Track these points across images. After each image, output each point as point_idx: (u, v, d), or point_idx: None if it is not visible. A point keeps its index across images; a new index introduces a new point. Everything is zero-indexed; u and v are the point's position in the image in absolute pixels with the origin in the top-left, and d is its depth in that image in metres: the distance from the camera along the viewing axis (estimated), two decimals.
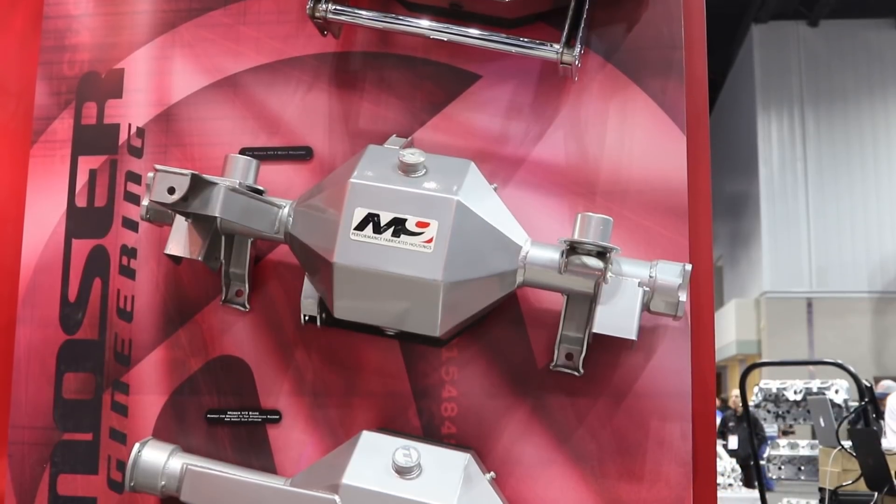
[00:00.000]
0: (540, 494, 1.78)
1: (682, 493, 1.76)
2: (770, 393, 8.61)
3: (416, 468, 1.64)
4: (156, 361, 1.91)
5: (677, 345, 1.79)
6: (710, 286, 1.86)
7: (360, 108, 1.92)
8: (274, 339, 1.88)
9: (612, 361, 1.79)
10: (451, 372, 1.83)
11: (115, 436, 1.91)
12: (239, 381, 1.88)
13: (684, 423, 1.78)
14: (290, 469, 1.84)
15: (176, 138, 1.98)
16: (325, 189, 1.72)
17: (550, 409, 1.80)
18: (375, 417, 1.84)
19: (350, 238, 1.63)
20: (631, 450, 1.78)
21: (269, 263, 1.90)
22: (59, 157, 2.02)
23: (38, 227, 2.00)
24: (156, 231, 1.93)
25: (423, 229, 1.62)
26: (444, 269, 1.60)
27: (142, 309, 1.93)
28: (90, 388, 1.93)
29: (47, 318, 1.96)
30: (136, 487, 1.78)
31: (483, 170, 1.76)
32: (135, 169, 1.98)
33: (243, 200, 1.68)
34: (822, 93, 18.33)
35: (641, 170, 1.85)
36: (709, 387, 1.84)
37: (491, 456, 1.80)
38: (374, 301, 1.65)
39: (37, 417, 1.94)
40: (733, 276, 20.85)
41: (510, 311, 1.82)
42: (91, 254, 1.97)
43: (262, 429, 1.87)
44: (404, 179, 1.67)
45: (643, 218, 1.83)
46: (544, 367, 1.81)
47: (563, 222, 1.83)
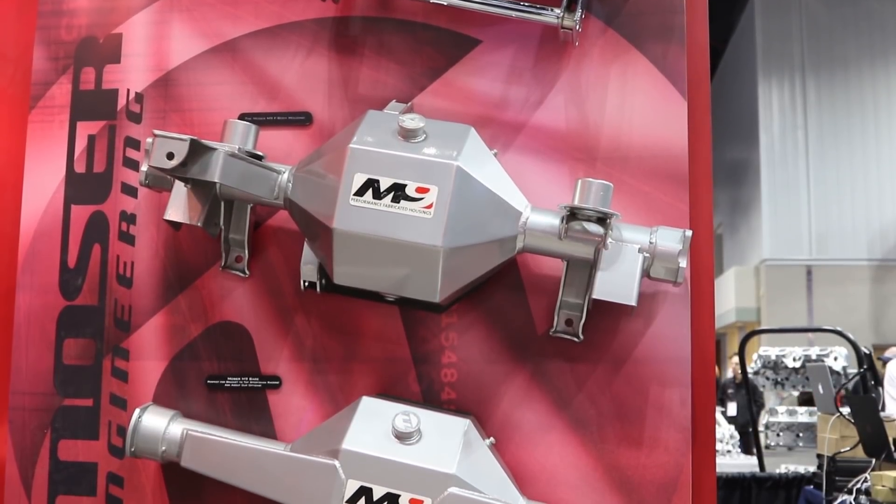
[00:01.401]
0: (539, 460, 1.79)
1: (681, 458, 1.77)
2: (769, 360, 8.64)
3: (415, 434, 1.65)
4: (156, 327, 1.91)
5: (677, 311, 1.79)
6: (710, 252, 1.86)
7: (360, 74, 1.91)
8: (274, 305, 1.88)
9: (612, 327, 1.79)
10: (450, 338, 1.83)
11: (115, 401, 1.91)
12: (239, 347, 1.89)
13: (683, 389, 1.78)
14: (290, 434, 1.84)
15: (175, 104, 1.97)
16: (324, 154, 1.71)
17: (550, 375, 1.80)
18: (375, 383, 1.84)
19: (350, 203, 1.62)
20: (630, 415, 1.78)
21: (268, 229, 1.89)
22: (58, 122, 2.01)
23: (36, 193, 1.99)
24: (155, 197, 1.93)
25: (422, 195, 1.61)
26: (443, 234, 1.59)
27: (141, 275, 1.93)
28: (90, 353, 1.93)
29: (47, 284, 1.96)
30: (137, 453, 1.78)
31: (483, 135, 1.75)
32: (133, 134, 1.97)
33: (242, 166, 1.67)
34: (824, 60, 18.24)
35: (642, 135, 1.84)
36: (708, 353, 1.84)
37: (490, 421, 1.80)
38: (374, 267, 1.65)
39: (37, 383, 1.94)
40: (733, 243, 20.84)
41: (510, 277, 1.82)
42: (90, 220, 1.97)
43: (262, 394, 1.87)
44: (404, 145, 1.66)
45: (643, 184, 1.82)
46: (544, 333, 1.81)
47: (564, 188, 1.82)
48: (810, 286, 17.88)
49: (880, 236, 18.03)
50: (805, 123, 18.31)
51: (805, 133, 18.29)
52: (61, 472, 1.91)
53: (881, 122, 18.13)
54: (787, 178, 18.15)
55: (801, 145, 18.25)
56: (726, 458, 8.12)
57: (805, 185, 18.14)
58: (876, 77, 18.12)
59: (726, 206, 20.66)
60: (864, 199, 18.06)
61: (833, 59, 18.18)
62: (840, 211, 18.10)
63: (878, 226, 18.00)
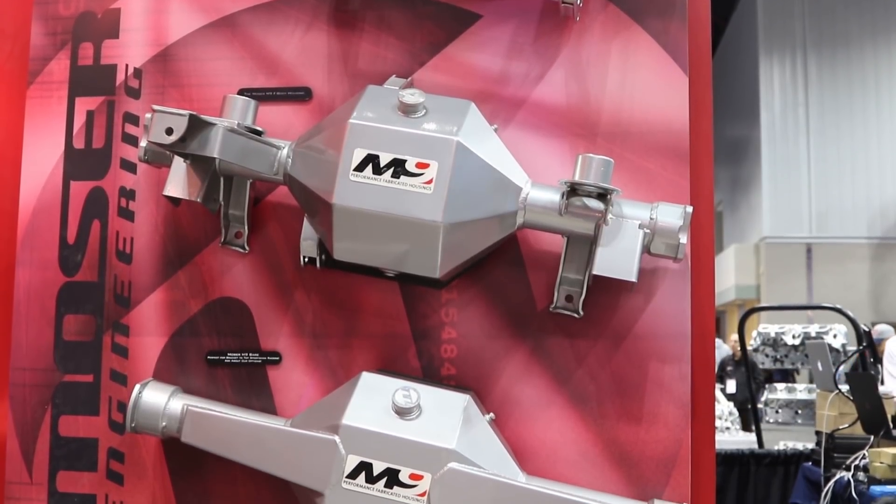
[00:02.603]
0: (539, 435, 1.79)
1: (681, 434, 1.77)
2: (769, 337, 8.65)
3: (415, 409, 1.65)
4: (156, 303, 1.91)
5: (677, 287, 1.79)
6: (710, 228, 1.86)
7: (360, 49, 1.90)
8: (273, 281, 1.88)
9: (612, 303, 1.79)
10: (450, 313, 1.83)
11: (115, 377, 1.91)
12: (239, 323, 1.89)
13: (683, 365, 1.78)
14: (291, 410, 1.84)
15: (174, 79, 1.96)
16: (324, 130, 1.71)
17: (550, 351, 1.80)
18: (375, 359, 1.84)
19: (349, 179, 1.62)
20: (630, 391, 1.79)
21: (268, 205, 1.89)
22: (56, 98, 2.00)
23: (35, 168, 1.99)
24: (154, 172, 1.92)
25: (422, 170, 1.61)
26: (443, 210, 1.59)
27: (141, 251, 1.93)
28: (90, 329, 1.93)
29: (46, 260, 1.96)
30: (137, 428, 1.79)
31: (483, 111, 1.74)
32: (132, 110, 1.97)
33: (242, 141, 1.66)
34: (825, 37, 18.17)
35: (643, 111, 1.83)
36: (708, 329, 1.84)
37: (490, 397, 1.80)
38: (374, 242, 1.65)
39: (38, 359, 1.94)
40: (733, 221, 20.83)
41: (510, 252, 1.81)
42: (89, 196, 1.96)
43: (262, 370, 1.87)
44: (404, 120, 1.66)
45: (644, 159, 1.82)
46: (544, 309, 1.81)
47: (564, 164, 1.81)
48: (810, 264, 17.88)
49: (880, 214, 18.02)
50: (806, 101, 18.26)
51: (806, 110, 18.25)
52: (62, 448, 1.92)
53: (882, 100, 18.09)
54: (788, 155, 18.12)
55: (802, 123, 18.21)
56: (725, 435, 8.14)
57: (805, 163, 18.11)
58: (878, 54, 18.05)
59: (726, 184, 20.64)
60: (865, 177, 18.03)
61: (835, 37, 18.11)
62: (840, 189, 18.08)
63: (879, 204, 17.99)
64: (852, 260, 17.60)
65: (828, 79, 18.22)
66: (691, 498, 1.76)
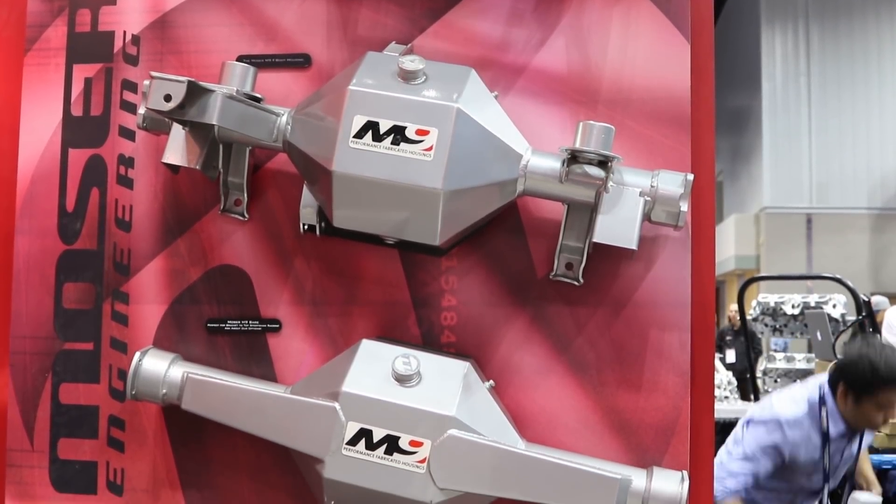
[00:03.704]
0: (538, 403, 1.80)
1: (680, 402, 1.78)
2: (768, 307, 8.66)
3: (415, 376, 1.65)
4: (155, 271, 1.91)
5: (677, 255, 1.79)
6: (711, 196, 1.85)
7: (359, 15, 1.89)
8: (273, 249, 1.88)
9: (612, 271, 1.79)
10: (450, 281, 1.83)
11: (115, 345, 1.91)
12: (238, 291, 1.88)
13: (683, 334, 1.78)
14: (291, 377, 1.85)
15: (172, 45, 1.94)
16: (323, 97, 1.70)
17: (550, 319, 1.80)
18: (375, 326, 1.84)
19: (349, 146, 1.61)
20: (629, 359, 1.79)
21: (267, 172, 1.88)
22: (54, 65, 1.99)
23: (33, 136, 1.98)
24: (153, 140, 1.92)
25: (422, 137, 1.60)
26: (444, 177, 1.59)
27: (140, 218, 1.93)
28: (90, 297, 1.93)
29: (45, 228, 1.95)
30: (138, 396, 1.79)
31: (484, 77, 1.73)
32: (130, 77, 1.96)
33: (241, 108, 1.66)
34: (828, 7, 18.09)
35: (644, 78, 1.82)
36: (708, 297, 1.84)
37: (490, 364, 1.81)
38: (374, 210, 1.64)
39: (38, 327, 1.94)
40: (733, 191, 20.81)
41: (510, 220, 1.81)
42: (88, 163, 1.95)
43: (262, 338, 1.87)
44: (404, 87, 1.65)
45: (645, 127, 1.81)
46: (544, 277, 1.80)
47: (565, 131, 1.81)
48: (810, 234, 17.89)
49: (881, 185, 18.01)
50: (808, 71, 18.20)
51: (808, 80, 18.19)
52: (63, 416, 1.92)
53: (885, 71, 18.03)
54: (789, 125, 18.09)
55: (804, 93, 18.17)
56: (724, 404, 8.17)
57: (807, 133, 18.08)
58: (880, 25, 17.98)
59: (727, 154, 20.60)
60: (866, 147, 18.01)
61: (837, 6, 18.03)
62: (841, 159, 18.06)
63: (879, 174, 17.97)
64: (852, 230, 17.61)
65: (830, 49, 18.15)
66: (690, 465, 1.77)
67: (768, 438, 3.67)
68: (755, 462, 3.62)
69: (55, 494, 1.91)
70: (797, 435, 3.65)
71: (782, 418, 3.71)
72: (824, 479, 3.67)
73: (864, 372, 3.62)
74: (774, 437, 3.66)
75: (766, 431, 3.68)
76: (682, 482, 1.65)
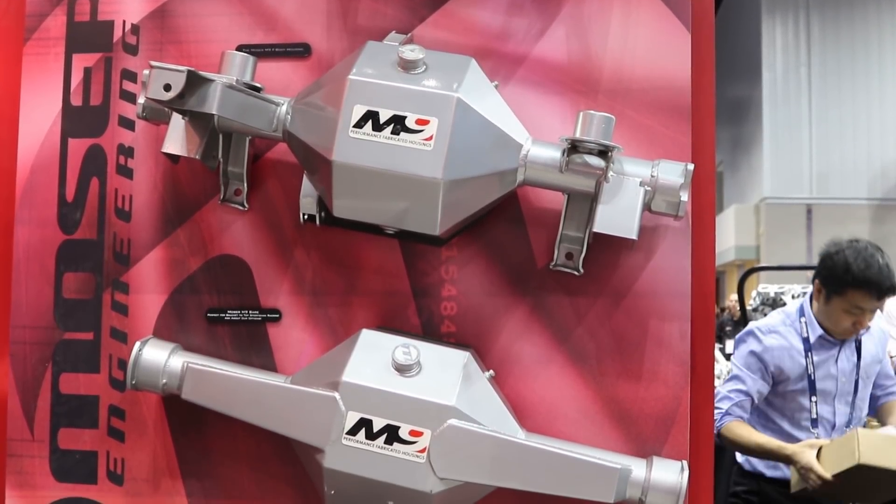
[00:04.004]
0: (538, 393, 1.80)
1: (680, 392, 1.78)
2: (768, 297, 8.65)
3: (415, 366, 1.65)
4: (155, 261, 1.91)
5: (678, 245, 1.79)
6: (711, 186, 1.85)
7: (359, 4, 1.88)
8: (273, 238, 1.88)
9: (613, 261, 1.79)
10: (450, 271, 1.83)
11: (115, 335, 1.91)
12: (238, 280, 1.88)
13: (683, 323, 1.78)
14: (291, 367, 1.85)
15: (171, 35, 1.94)
16: (323, 86, 1.69)
17: (550, 309, 1.80)
18: (375, 316, 1.84)
19: (349, 136, 1.61)
20: (630, 349, 1.79)
21: (267, 162, 1.88)
22: (53, 55, 1.98)
23: (33, 126, 1.97)
24: (153, 130, 1.91)
25: (422, 127, 1.60)
26: (444, 167, 1.58)
27: (140, 208, 1.92)
28: (90, 287, 1.93)
29: (45, 218, 1.95)
30: (138, 385, 1.79)
31: (484, 67, 1.73)
32: (130, 67, 1.95)
33: (240, 97, 1.65)
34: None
35: (645, 68, 1.82)
36: (708, 287, 1.84)
37: (490, 354, 1.81)
38: (374, 199, 1.64)
39: (38, 317, 1.94)
40: (733, 181, 20.81)
41: (510, 210, 1.81)
42: (87, 153, 1.95)
43: (262, 327, 1.87)
44: (404, 76, 1.64)
45: (646, 117, 1.81)
46: (544, 267, 1.80)
47: (565, 121, 1.80)
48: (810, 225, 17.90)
49: (881, 176, 18.01)
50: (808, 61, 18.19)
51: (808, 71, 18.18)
52: (63, 405, 1.92)
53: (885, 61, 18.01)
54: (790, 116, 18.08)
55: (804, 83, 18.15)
56: None
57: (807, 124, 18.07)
58: (881, 15, 17.96)
59: (727, 144, 20.59)
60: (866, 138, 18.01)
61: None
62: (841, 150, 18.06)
63: (880, 165, 17.97)
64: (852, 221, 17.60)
65: (830, 39, 18.13)
66: (689, 456, 1.77)
67: (746, 349, 3.59)
68: (742, 380, 3.53)
69: (55, 484, 1.92)
70: (774, 342, 3.55)
71: (755, 327, 3.65)
72: (811, 388, 3.57)
73: (838, 268, 3.46)
74: (752, 346, 3.57)
75: (744, 346, 3.61)
76: (682, 472, 1.65)
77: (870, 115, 17.95)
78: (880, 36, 17.96)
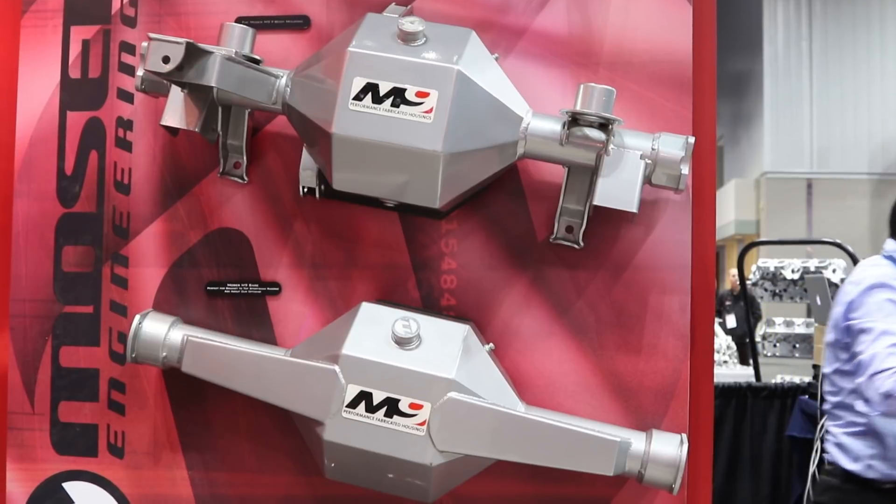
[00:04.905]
0: (538, 366, 1.80)
1: (679, 365, 1.78)
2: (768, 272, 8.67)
3: (415, 339, 1.65)
4: (155, 234, 1.91)
5: (678, 218, 1.78)
6: (712, 159, 1.85)
7: None
8: (273, 212, 1.87)
9: (613, 234, 1.79)
10: (450, 244, 1.83)
11: (115, 308, 1.91)
12: (238, 254, 1.88)
13: (683, 297, 1.78)
14: (290, 340, 1.85)
15: (170, 7, 1.93)
16: (323, 58, 1.69)
17: (550, 282, 1.80)
18: (375, 289, 1.84)
19: (349, 108, 1.60)
20: (629, 322, 1.79)
21: (266, 135, 1.87)
22: (51, 27, 1.97)
23: (31, 99, 1.97)
24: (151, 102, 1.90)
25: (422, 99, 1.59)
26: (444, 139, 1.58)
27: (139, 181, 1.92)
28: (89, 261, 1.93)
29: (44, 191, 1.95)
30: (138, 359, 1.79)
31: (484, 39, 1.72)
32: (129, 39, 1.94)
33: (240, 70, 1.65)
34: None
35: (646, 40, 1.81)
36: (708, 261, 1.84)
37: (490, 328, 1.81)
38: (374, 172, 1.64)
39: (37, 290, 1.94)
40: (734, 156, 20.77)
41: (510, 183, 1.80)
42: (86, 126, 1.94)
43: (261, 301, 1.87)
44: (404, 48, 1.64)
45: (647, 90, 1.80)
46: (544, 240, 1.80)
47: (566, 93, 1.80)
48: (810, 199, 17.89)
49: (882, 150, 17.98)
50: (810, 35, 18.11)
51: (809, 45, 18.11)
52: (63, 379, 1.92)
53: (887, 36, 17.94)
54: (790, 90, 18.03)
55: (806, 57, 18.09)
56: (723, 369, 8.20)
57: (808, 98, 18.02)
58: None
59: (728, 118, 20.54)
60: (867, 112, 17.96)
61: None
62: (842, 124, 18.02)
63: (880, 140, 17.94)
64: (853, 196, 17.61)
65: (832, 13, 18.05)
66: (689, 429, 1.77)
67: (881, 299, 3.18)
68: None
69: (56, 457, 1.92)
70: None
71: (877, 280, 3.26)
72: None
73: None
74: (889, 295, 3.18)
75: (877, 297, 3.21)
76: (682, 445, 1.66)
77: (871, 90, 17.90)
78: (882, 10, 17.89)
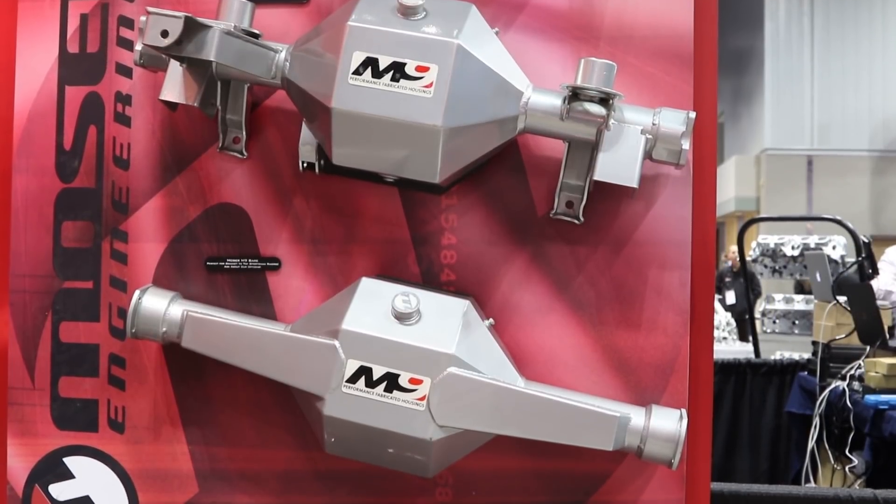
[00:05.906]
0: (538, 341, 1.80)
1: (679, 341, 1.78)
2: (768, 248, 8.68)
3: (415, 314, 1.65)
4: (154, 209, 1.90)
5: (678, 193, 1.78)
6: (713, 134, 1.84)
7: None
8: (272, 187, 1.87)
9: (613, 209, 1.79)
10: (450, 219, 1.83)
11: (115, 283, 1.91)
12: (238, 229, 1.88)
13: (683, 272, 1.78)
14: (290, 316, 1.85)
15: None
16: (322, 33, 1.68)
17: (550, 257, 1.80)
18: (375, 264, 1.84)
19: (348, 83, 1.60)
20: (629, 298, 1.79)
21: (266, 109, 1.87)
22: (49, 2, 1.96)
23: (29, 74, 1.96)
24: (150, 77, 1.90)
25: (422, 74, 1.59)
26: (444, 114, 1.57)
27: (138, 156, 1.91)
28: (89, 236, 1.92)
29: (43, 166, 1.94)
30: (138, 334, 1.79)
31: (484, 13, 1.71)
32: (127, 13, 1.93)
33: (239, 44, 1.64)
34: None
35: (647, 15, 1.80)
36: (709, 236, 1.84)
37: (490, 303, 1.81)
38: (373, 147, 1.63)
39: (37, 266, 1.94)
40: (734, 132, 20.74)
41: (510, 158, 1.80)
42: (85, 101, 1.94)
43: (261, 276, 1.87)
44: (404, 23, 1.63)
45: (647, 64, 1.79)
46: (544, 215, 1.80)
47: (566, 68, 1.79)
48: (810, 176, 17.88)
49: (882, 127, 17.96)
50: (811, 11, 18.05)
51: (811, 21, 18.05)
52: (63, 354, 1.92)
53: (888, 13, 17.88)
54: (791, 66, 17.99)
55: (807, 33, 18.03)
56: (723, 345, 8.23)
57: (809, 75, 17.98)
58: None
59: (728, 95, 20.50)
60: (868, 89, 17.93)
61: None
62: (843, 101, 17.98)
63: (881, 117, 17.91)
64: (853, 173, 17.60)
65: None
66: (688, 404, 1.78)
67: None
68: None
69: (57, 432, 1.92)
70: None
71: None
72: None
73: None
74: None
75: None
76: (681, 420, 1.66)
77: (872, 67, 17.85)
78: None
